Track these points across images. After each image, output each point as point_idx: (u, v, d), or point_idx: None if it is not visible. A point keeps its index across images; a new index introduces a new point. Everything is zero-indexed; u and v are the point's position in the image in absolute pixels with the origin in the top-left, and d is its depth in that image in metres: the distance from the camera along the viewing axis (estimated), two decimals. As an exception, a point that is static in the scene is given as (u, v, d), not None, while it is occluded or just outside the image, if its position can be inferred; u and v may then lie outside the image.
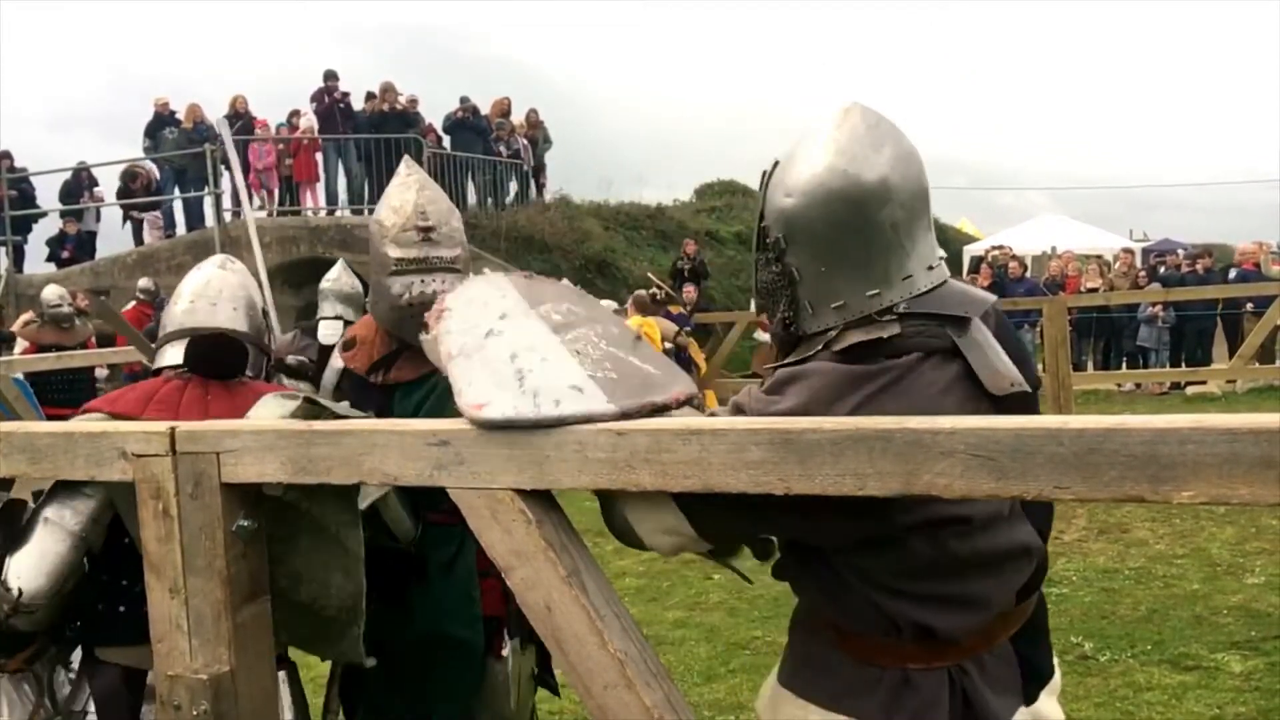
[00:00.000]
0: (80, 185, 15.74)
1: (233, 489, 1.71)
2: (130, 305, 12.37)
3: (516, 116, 16.99)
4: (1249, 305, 12.01)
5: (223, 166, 14.96)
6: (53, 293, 9.70)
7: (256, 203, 15.54)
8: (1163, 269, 15.19)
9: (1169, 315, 13.10)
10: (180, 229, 15.58)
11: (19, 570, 2.16)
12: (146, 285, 12.42)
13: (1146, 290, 13.31)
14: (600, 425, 1.47)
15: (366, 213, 15.17)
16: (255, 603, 1.80)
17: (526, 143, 16.86)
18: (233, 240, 14.75)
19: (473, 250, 2.98)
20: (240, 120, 15.09)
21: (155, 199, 15.66)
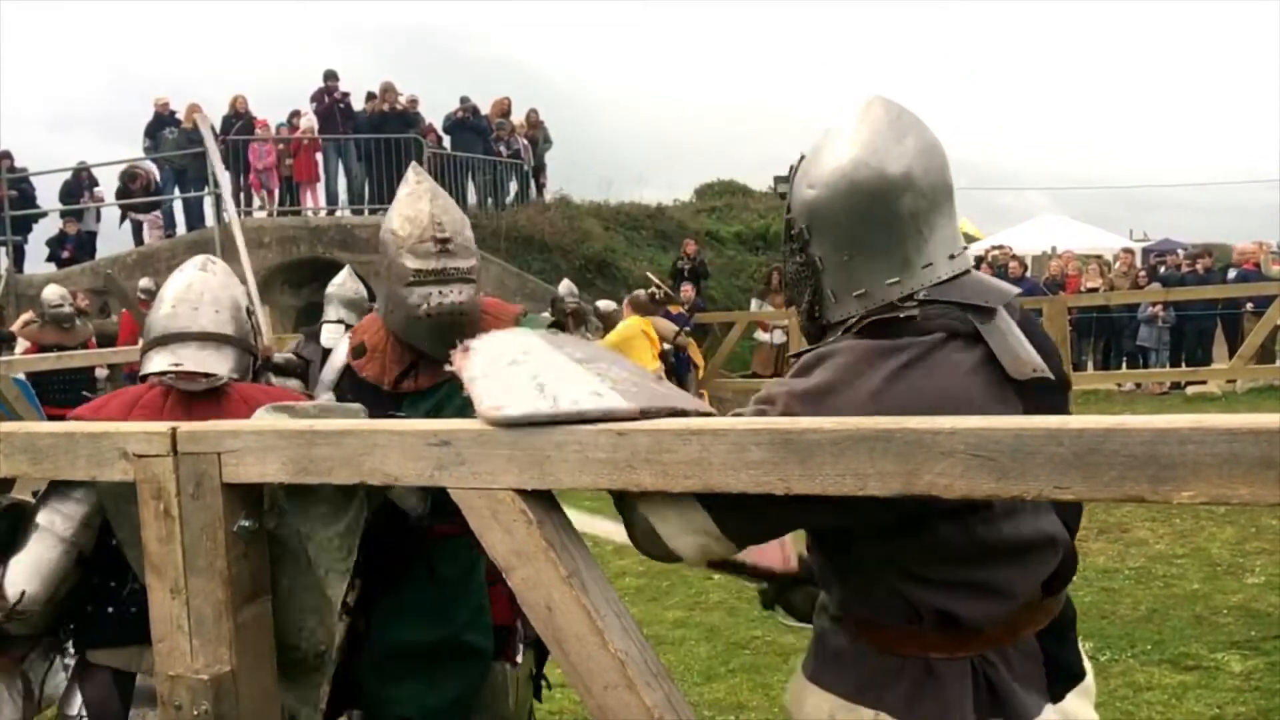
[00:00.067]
0: (80, 185, 15.73)
1: (234, 489, 1.72)
2: (131, 305, 12.37)
3: (516, 116, 16.97)
4: (1249, 305, 12.01)
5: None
6: (54, 293, 9.69)
7: (257, 203, 15.55)
8: (1163, 269, 15.17)
9: (1169, 315, 13.09)
10: (180, 229, 15.58)
11: (13, 576, 2.17)
12: (147, 285, 12.39)
13: (1146, 290, 13.31)
14: (601, 426, 1.47)
15: (366, 213, 15.17)
16: (256, 603, 1.80)
17: (526, 143, 16.84)
18: (232, 240, 14.75)
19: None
20: (240, 120, 15.09)
21: (155, 199, 15.65)
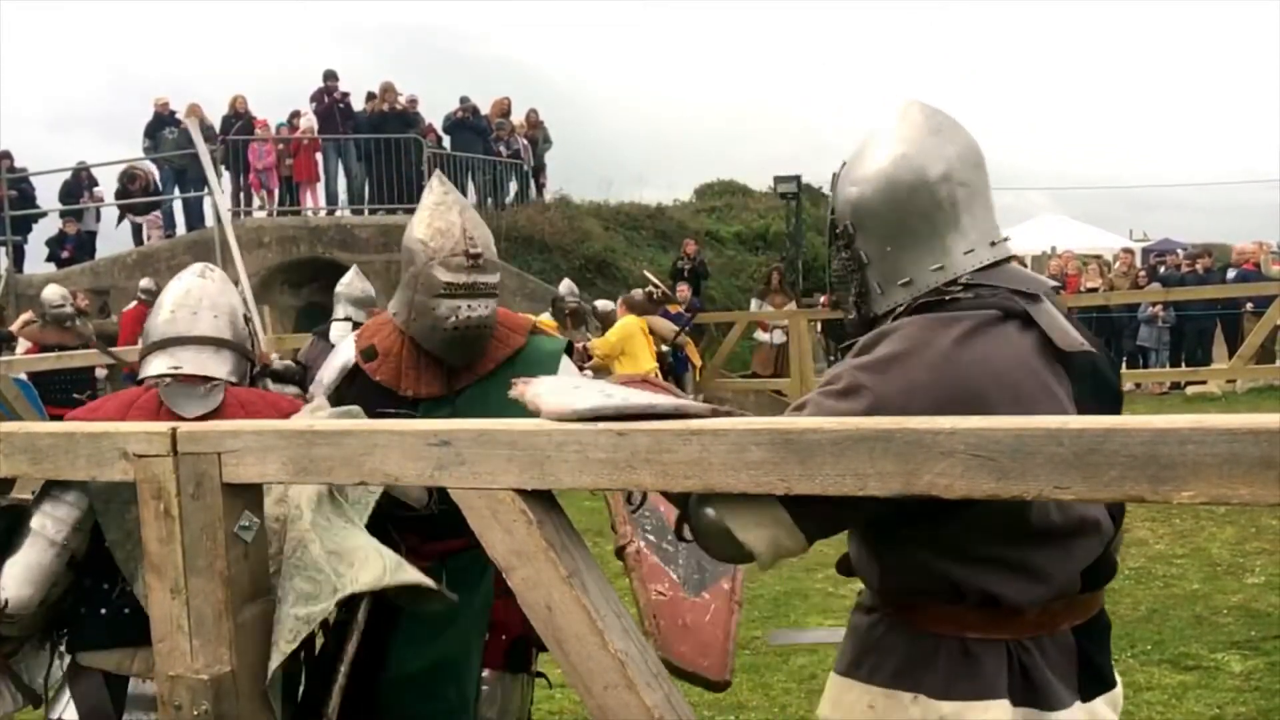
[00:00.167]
0: (80, 185, 15.71)
1: (234, 489, 1.72)
2: (132, 305, 12.36)
3: (516, 116, 16.95)
4: (1249, 305, 12.00)
5: (223, 167, 14.96)
6: (54, 293, 9.68)
7: (256, 203, 15.55)
8: (1163, 269, 15.18)
9: (1169, 315, 13.09)
10: (180, 229, 15.57)
11: (5, 579, 2.17)
12: (148, 285, 12.39)
13: (1146, 290, 13.31)
14: (601, 426, 1.47)
15: (366, 213, 15.17)
16: (256, 603, 1.80)
17: (526, 143, 16.83)
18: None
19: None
20: (240, 120, 15.08)
21: (155, 199, 15.65)
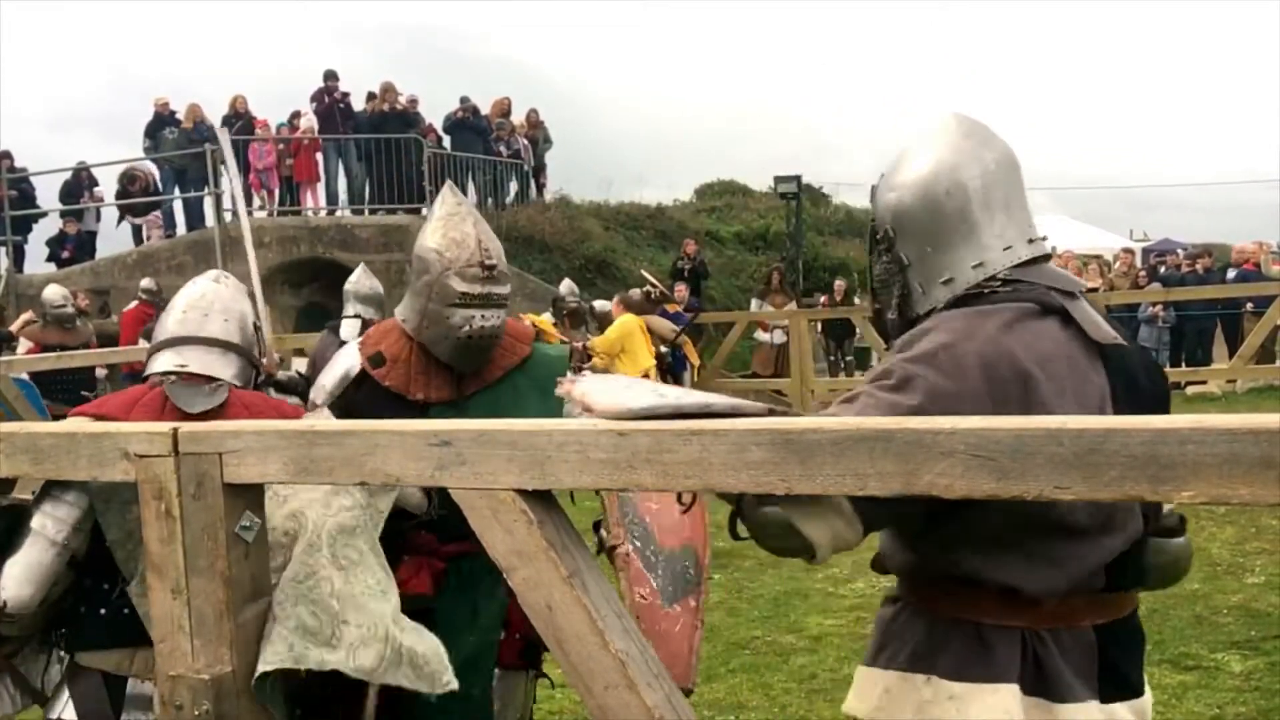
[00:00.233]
0: (80, 185, 15.72)
1: (235, 489, 1.72)
2: (133, 305, 12.36)
3: (516, 116, 16.95)
4: (1249, 305, 12.00)
5: (222, 167, 14.96)
6: (55, 293, 9.69)
7: (257, 203, 15.54)
8: (1163, 269, 15.17)
9: (1169, 315, 13.07)
10: (180, 229, 15.58)
11: (6, 579, 2.18)
12: (149, 285, 12.40)
13: (1146, 290, 13.29)
14: (602, 426, 1.47)
15: (366, 213, 15.18)
16: (257, 603, 1.80)
17: (526, 143, 16.82)
18: (233, 240, 14.73)
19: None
20: (240, 120, 15.08)
21: (155, 199, 15.66)
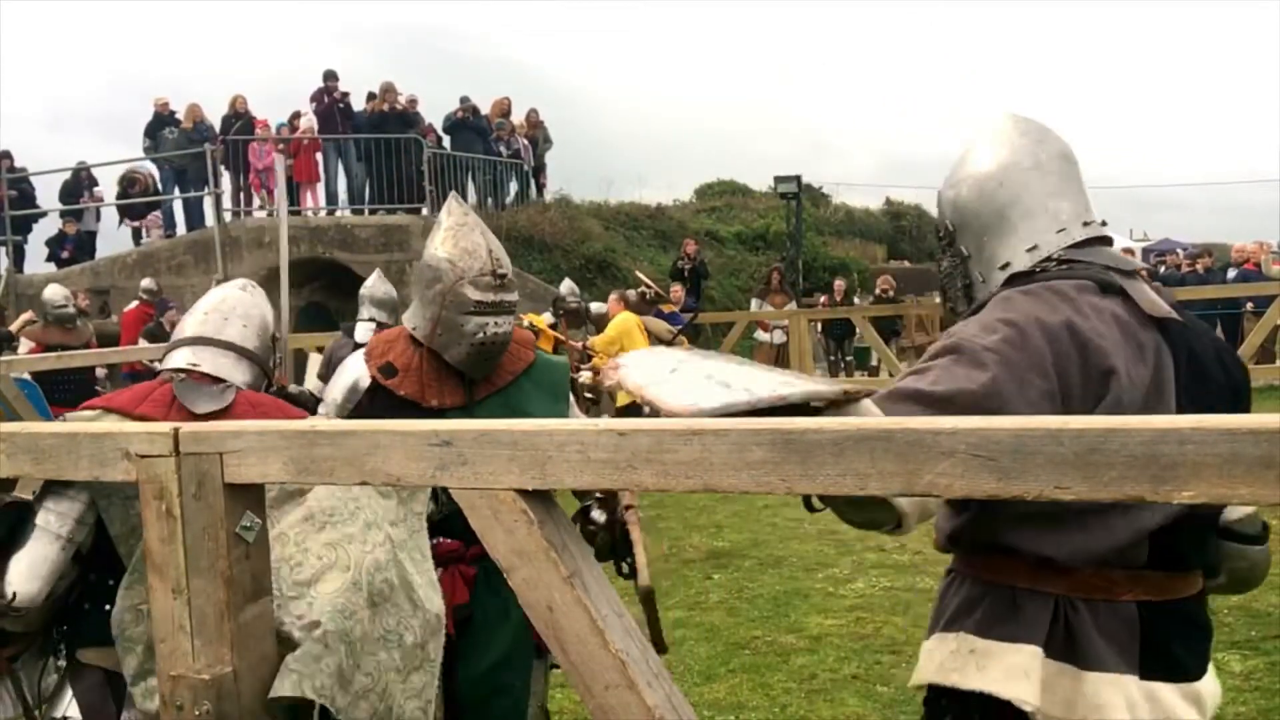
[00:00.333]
0: (80, 185, 15.72)
1: (236, 489, 1.72)
2: (133, 305, 12.37)
3: (516, 116, 16.96)
4: (1249, 305, 12.00)
5: (222, 167, 14.97)
6: (56, 293, 9.69)
7: (256, 203, 15.55)
8: (1163, 269, 15.16)
9: (1169, 315, 13.06)
10: (180, 229, 15.58)
11: (12, 574, 2.18)
12: (149, 285, 12.43)
13: (1147, 290, 13.27)
14: (603, 425, 1.47)
15: (366, 213, 15.18)
16: (257, 603, 1.80)
17: (526, 143, 16.83)
18: (233, 240, 14.77)
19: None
20: (240, 120, 15.08)
21: (155, 199, 15.66)
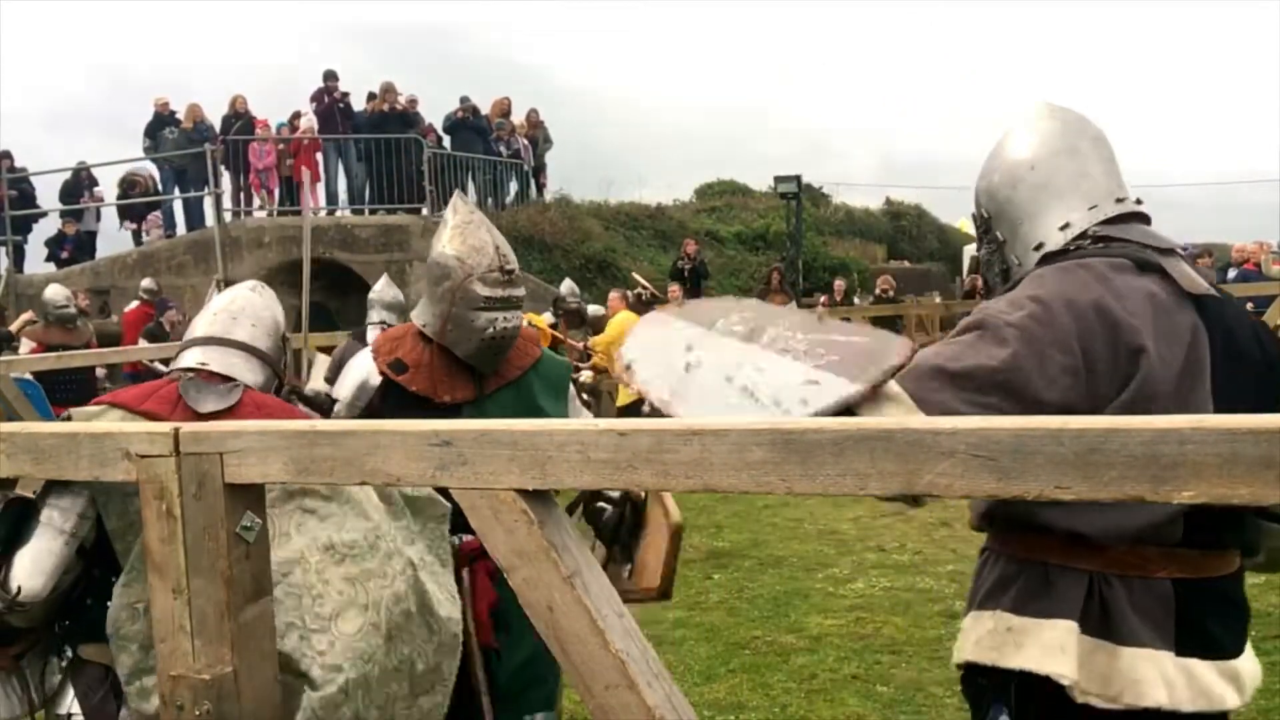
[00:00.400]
0: (80, 185, 15.73)
1: (236, 489, 1.72)
2: (133, 305, 12.37)
3: (516, 116, 16.97)
4: (1249, 305, 12.00)
5: (222, 167, 14.97)
6: (57, 293, 9.69)
7: (256, 203, 15.55)
8: (1163, 268, 15.16)
9: (1169, 315, 13.06)
10: (180, 229, 15.59)
11: (17, 569, 2.19)
12: (149, 285, 12.43)
13: (1147, 290, 13.28)
14: (603, 426, 1.47)
15: (366, 213, 15.18)
16: (258, 603, 1.80)
17: (527, 143, 16.84)
18: (233, 240, 14.78)
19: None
20: (240, 120, 15.08)
21: (155, 199, 15.67)
